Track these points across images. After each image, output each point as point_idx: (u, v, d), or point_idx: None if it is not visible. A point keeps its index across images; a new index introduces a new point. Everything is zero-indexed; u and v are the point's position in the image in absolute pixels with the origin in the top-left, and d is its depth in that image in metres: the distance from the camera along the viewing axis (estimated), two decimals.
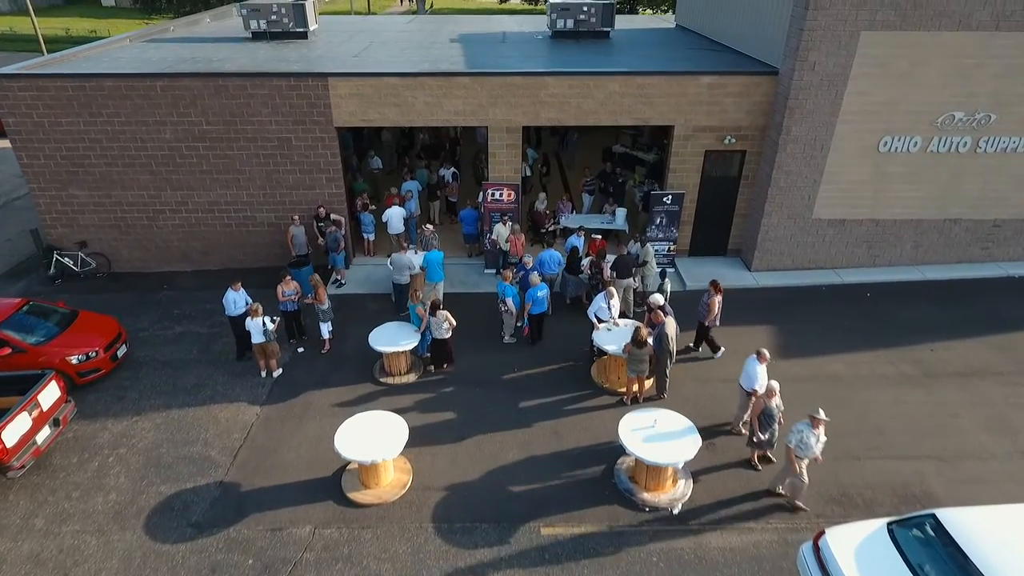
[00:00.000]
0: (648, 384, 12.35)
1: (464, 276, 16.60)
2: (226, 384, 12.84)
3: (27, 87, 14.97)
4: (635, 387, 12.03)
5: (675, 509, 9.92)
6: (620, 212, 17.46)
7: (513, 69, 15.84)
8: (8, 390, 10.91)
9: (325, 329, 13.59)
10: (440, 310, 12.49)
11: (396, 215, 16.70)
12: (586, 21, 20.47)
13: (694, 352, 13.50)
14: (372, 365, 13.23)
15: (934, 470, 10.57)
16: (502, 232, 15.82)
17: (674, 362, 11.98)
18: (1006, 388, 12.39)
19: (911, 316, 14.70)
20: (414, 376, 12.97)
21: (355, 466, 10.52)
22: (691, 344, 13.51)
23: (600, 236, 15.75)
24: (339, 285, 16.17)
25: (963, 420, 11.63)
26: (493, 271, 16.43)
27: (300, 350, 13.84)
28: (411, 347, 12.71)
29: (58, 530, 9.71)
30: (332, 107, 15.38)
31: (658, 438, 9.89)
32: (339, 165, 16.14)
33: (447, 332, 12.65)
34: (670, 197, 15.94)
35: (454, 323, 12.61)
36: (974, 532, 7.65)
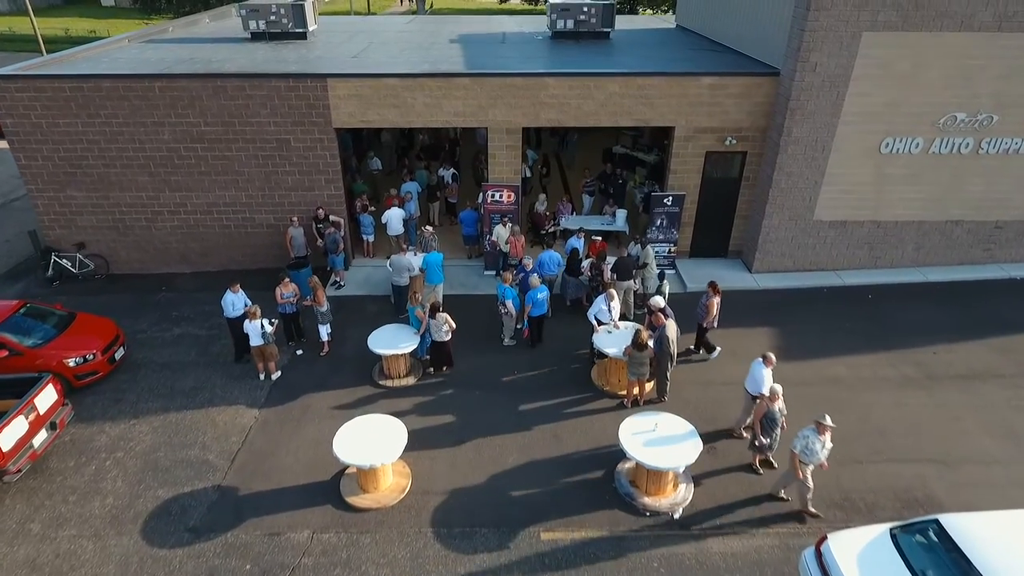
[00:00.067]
0: (649, 387, 12.29)
1: (464, 278, 16.53)
2: (224, 387, 12.78)
3: (25, 88, 14.91)
4: (635, 390, 11.97)
5: (676, 514, 9.86)
6: (620, 213, 17.41)
7: (513, 70, 15.77)
8: (4, 393, 10.85)
9: (324, 331, 13.53)
10: (440, 312, 12.42)
11: (395, 216, 16.64)
12: (586, 21, 20.40)
13: (695, 355, 13.45)
14: (371, 368, 13.16)
15: (936, 474, 10.51)
16: (502, 233, 15.76)
17: (675, 365, 11.92)
18: (1008, 391, 12.34)
19: (913, 318, 14.64)
20: (413, 379, 12.91)
21: (354, 470, 10.44)
22: (692, 347, 13.46)
23: (600, 238, 15.69)
24: (338, 287, 16.10)
25: (965, 423, 11.57)
26: (493, 273, 16.36)
27: (299, 352, 13.77)
28: (410, 350, 12.64)
29: (54, 535, 9.65)
30: (331, 108, 15.32)
31: (659, 442, 9.82)
32: (338, 166, 16.08)
33: (447, 335, 12.58)
34: (671, 198, 15.88)
35: (454, 325, 12.54)
36: (978, 538, 7.60)
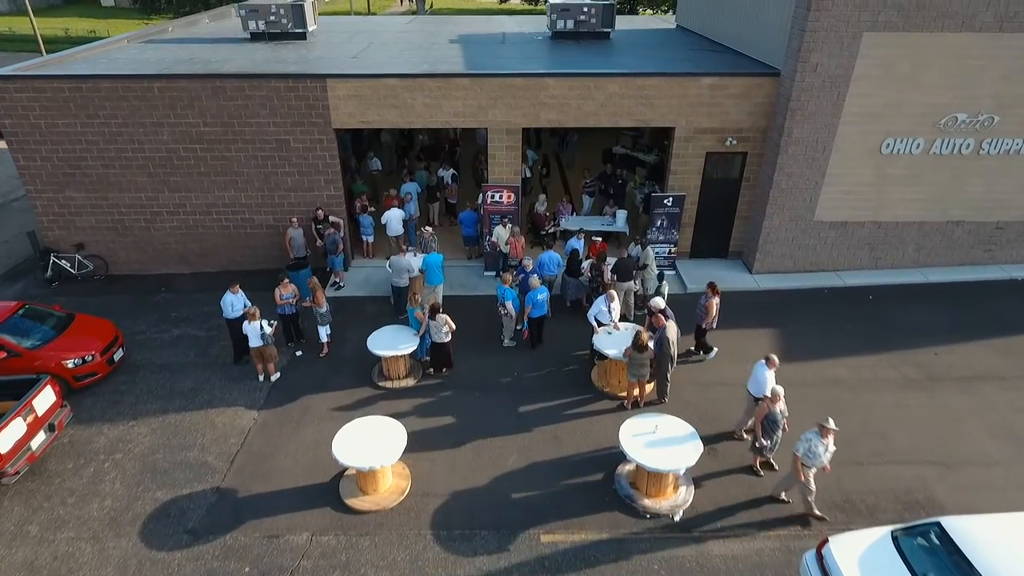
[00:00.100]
0: (649, 388, 12.25)
1: (464, 278, 16.49)
2: (223, 388, 12.74)
3: (23, 88, 14.87)
4: (636, 391, 11.93)
5: (676, 516, 9.82)
6: (620, 214, 17.38)
7: (513, 70, 15.75)
8: (2, 395, 10.81)
9: (323, 332, 13.48)
10: (440, 313, 12.38)
11: (395, 217, 16.60)
12: (586, 22, 20.36)
13: (694, 356, 13.41)
14: (371, 369, 13.13)
15: (938, 476, 10.47)
16: (502, 234, 15.72)
17: (675, 366, 11.89)
18: (1010, 393, 12.30)
19: (914, 319, 14.60)
20: (413, 380, 12.87)
21: (353, 472, 10.41)
22: (692, 348, 13.43)
23: (600, 238, 15.65)
24: (338, 288, 16.07)
25: (967, 425, 11.54)
26: (493, 273, 16.33)
27: (298, 354, 13.74)
28: (410, 351, 12.60)
29: (53, 537, 9.61)
30: (331, 108, 15.28)
31: (659, 444, 9.79)
32: (338, 167, 16.04)
33: (446, 336, 12.55)
34: (671, 199, 15.84)
35: (453, 327, 12.50)
36: (979, 541, 7.58)
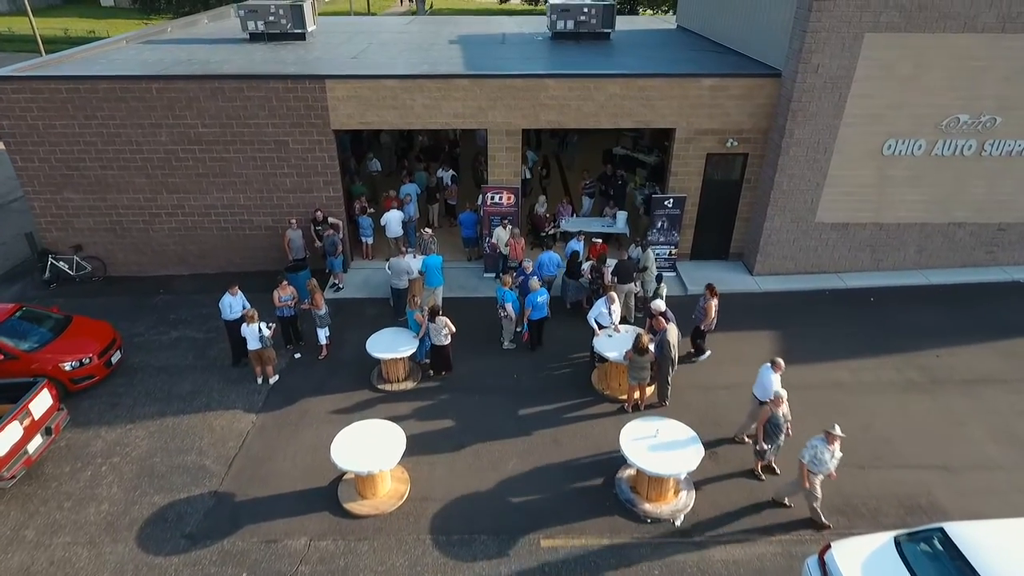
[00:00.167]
0: (649, 391, 12.19)
1: (463, 280, 16.42)
2: (222, 391, 12.67)
3: (21, 89, 14.80)
4: (636, 394, 11.86)
5: (677, 520, 9.75)
6: (621, 215, 17.31)
7: (513, 71, 15.68)
8: None
9: (322, 335, 13.41)
10: (439, 316, 12.32)
11: (394, 218, 16.53)
12: (586, 22, 20.29)
13: (694, 357, 13.33)
14: (370, 371, 13.05)
15: (940, 480, 10.40)
16: (502, 236, 15.66)
17: (676, 369, 11.82)
18: (1012, 396, 12.23)
19: (915, 321, 14.53)
20: (412, 383, 12.80)
21: (352, 476, 10.35)
22: (692, 351, 13.34)
23: (601, 240, 15.59)
24: (337, 289, 16.00)
25: (969, 429, 11.47)
26: (493, 275, 16.27)
27: (297, 356, 13.67)
28: (409, 353, 12.53)
29: (49, 542, 9.54)
30: (330, 109, 15.21)
31: (660, 448, 9.72)
32: (337, 168, 15.97)
33: (446, 338, 12.48)
34: (672, 201, 15.78)
35: (453, 329, 12.43)
36: (983, 547, 7.52)
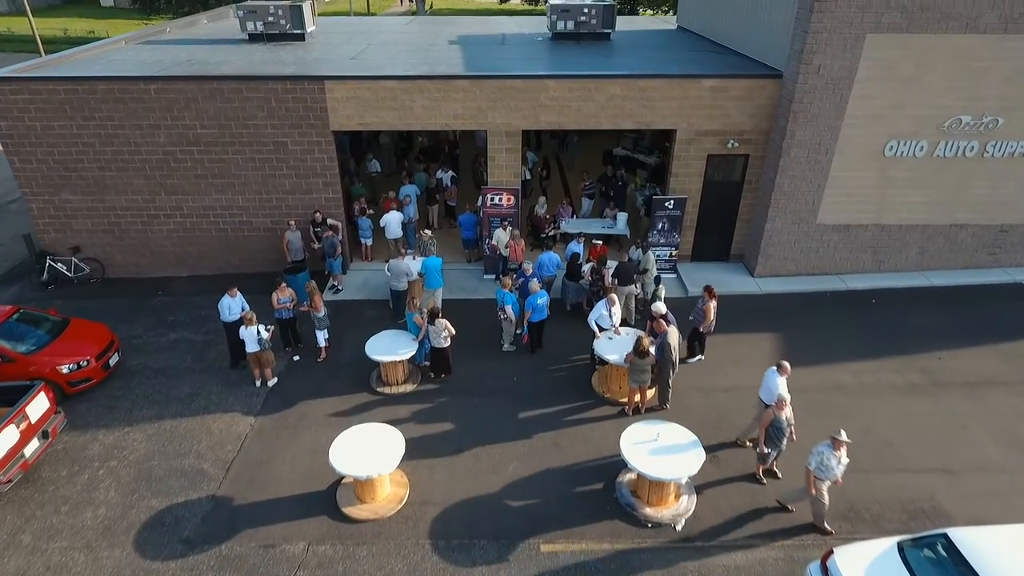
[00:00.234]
0: (650, 394, 12.12)
1: (463, 282, 16.35)
2: (220, 394, 12.61)
3: (19, 90, 14.73)
4: (637, 397, 11.79)
5: (678, 525, 9.68)
6: (621, 217, 17.23)
7: (512, 72, 15.63)
8: None
9: (321, 337, 13.34)
10: (439, 318, 12.25)
11: (394, 220, 16.47)
12: (586, 23, 20.22)
13: (687, 360, 13.24)
14: (369, 374, 12.99)
15: (943, 484, 10.33)
16: (502, 237, 15.59)
17: (676, 372, 11.76)
18: (1015, 398, 12.16)
19: (917, 323, 14.45)
20: (412, 386, 12.73)
21: (350, 480, 10.28)
22: (688, 352, 13.27)
23: (601, 242, 15.52)
24: (336, 291, 15.94)
25: (972, 432, 11.40)
26: (492, 277, 16.20)
27: (296, 358, 13.60)
28: (409, 356, 12.46)
29: (45, 546, 9.48)
30: (329, 110, 15.14)
31: (661, 452, 9.64)
32: (336, 169, 15.91)
33: (446, 341, 12.41)
34: (672, 202, 15.71)
35: (453, 331, 12.36)
36: (987, 552, 7.47)
